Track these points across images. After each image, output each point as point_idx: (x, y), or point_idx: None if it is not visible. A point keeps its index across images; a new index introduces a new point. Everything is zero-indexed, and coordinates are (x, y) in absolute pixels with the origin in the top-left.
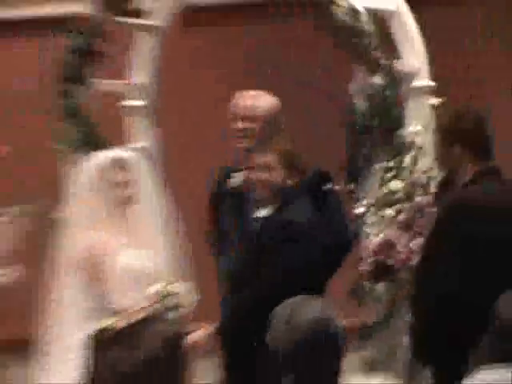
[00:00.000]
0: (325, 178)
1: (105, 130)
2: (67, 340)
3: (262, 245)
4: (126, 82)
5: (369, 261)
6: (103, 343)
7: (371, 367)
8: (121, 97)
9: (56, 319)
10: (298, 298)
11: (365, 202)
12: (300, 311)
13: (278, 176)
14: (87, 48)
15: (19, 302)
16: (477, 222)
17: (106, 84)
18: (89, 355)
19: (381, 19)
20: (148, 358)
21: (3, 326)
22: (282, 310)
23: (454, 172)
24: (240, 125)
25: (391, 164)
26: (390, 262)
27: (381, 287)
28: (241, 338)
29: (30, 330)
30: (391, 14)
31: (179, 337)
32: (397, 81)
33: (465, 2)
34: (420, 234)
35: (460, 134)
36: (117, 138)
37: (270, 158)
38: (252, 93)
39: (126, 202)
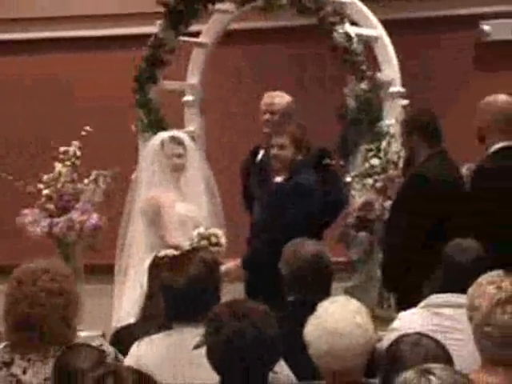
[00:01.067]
0: (324, 155)
1: (167, 117)
2: (137, 266)
3: (277, 201)
4: (183, 82)
5: (354, 215)
6: (159, 267)
7: (351, 295)
8: (179, 93)
9: (130, 252)
10: (302, 239)
11: (352, 174)
12: (303, 246)
13: (288, 153)
14: (157, 57)
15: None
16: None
17: (168, 84)
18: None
19: (367, 42)
20: (192, 276)
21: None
22: (290, 246)
23: (414, 153)
24: (265, 116)
25: (372, 146)
26: (369, 216)
27: (362, 234)
28: (259, 269)
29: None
30: (375, 38)
31: (216, 263)
32: (377, 87)
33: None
34: (389, 197)
35: (417, 126)
36: (175, 122)
37: (283, 140)
38: (273, 93)
39: (180, 168)
